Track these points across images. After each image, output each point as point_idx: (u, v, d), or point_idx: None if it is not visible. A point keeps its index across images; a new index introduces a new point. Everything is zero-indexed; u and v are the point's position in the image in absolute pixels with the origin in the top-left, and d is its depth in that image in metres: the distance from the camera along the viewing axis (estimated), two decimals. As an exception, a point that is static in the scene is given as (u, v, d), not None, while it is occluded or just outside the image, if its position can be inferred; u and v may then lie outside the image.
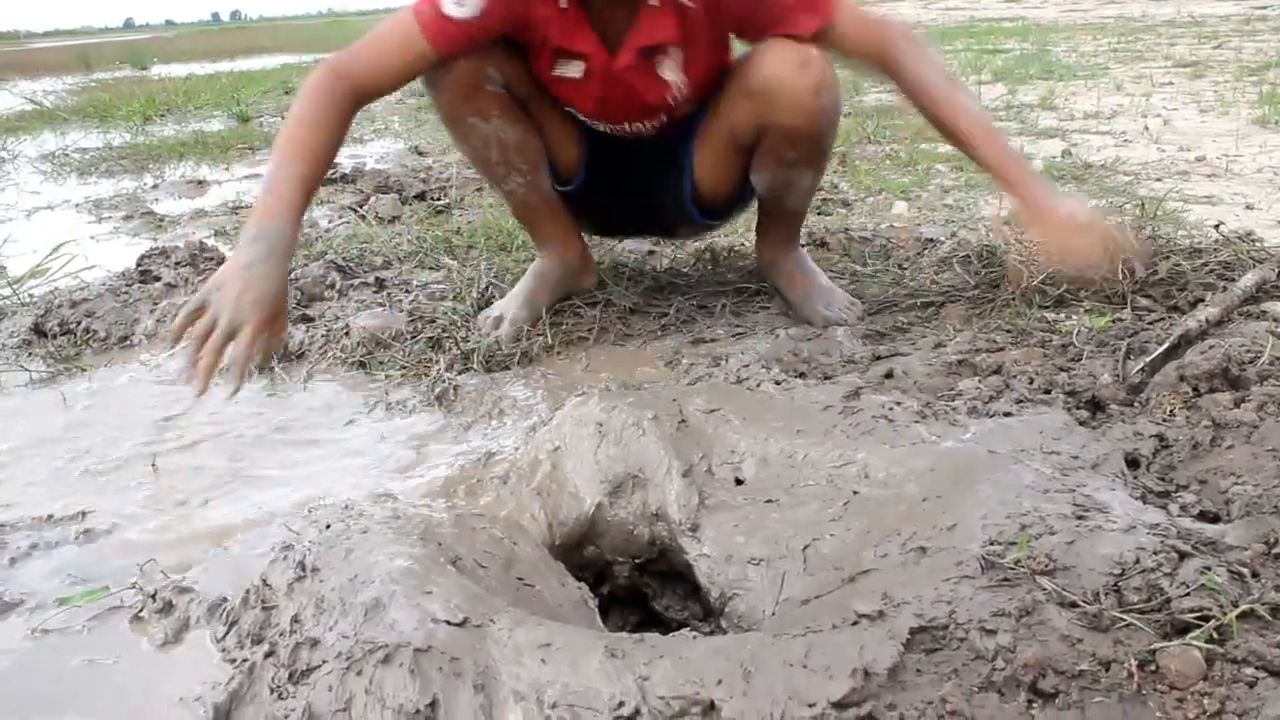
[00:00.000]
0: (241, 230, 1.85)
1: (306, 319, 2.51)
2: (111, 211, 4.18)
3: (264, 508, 1.68)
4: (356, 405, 2.07)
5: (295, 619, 1.18)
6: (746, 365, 1.89)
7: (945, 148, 4.14)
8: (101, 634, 1.37)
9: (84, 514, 1.69)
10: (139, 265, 2.99)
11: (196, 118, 7.73)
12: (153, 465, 1.88)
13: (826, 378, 1.85)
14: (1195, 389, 1.66)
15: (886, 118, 5.12)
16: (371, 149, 5.54)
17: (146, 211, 4.10)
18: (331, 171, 4.41)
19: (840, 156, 4.03)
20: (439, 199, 3.78)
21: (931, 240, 2.69)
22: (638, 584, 1.52)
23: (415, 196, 3.83)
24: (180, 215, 3.98)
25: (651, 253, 2.75)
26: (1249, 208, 3.08)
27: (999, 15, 16.99)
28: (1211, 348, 1.73)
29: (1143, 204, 2.85)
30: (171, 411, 2.11)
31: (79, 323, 2.58)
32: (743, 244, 2.76)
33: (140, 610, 1.39)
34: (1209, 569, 1.08)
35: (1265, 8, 13.44)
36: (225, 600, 1.33)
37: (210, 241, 3.28)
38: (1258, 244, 2.46)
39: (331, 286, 2.71)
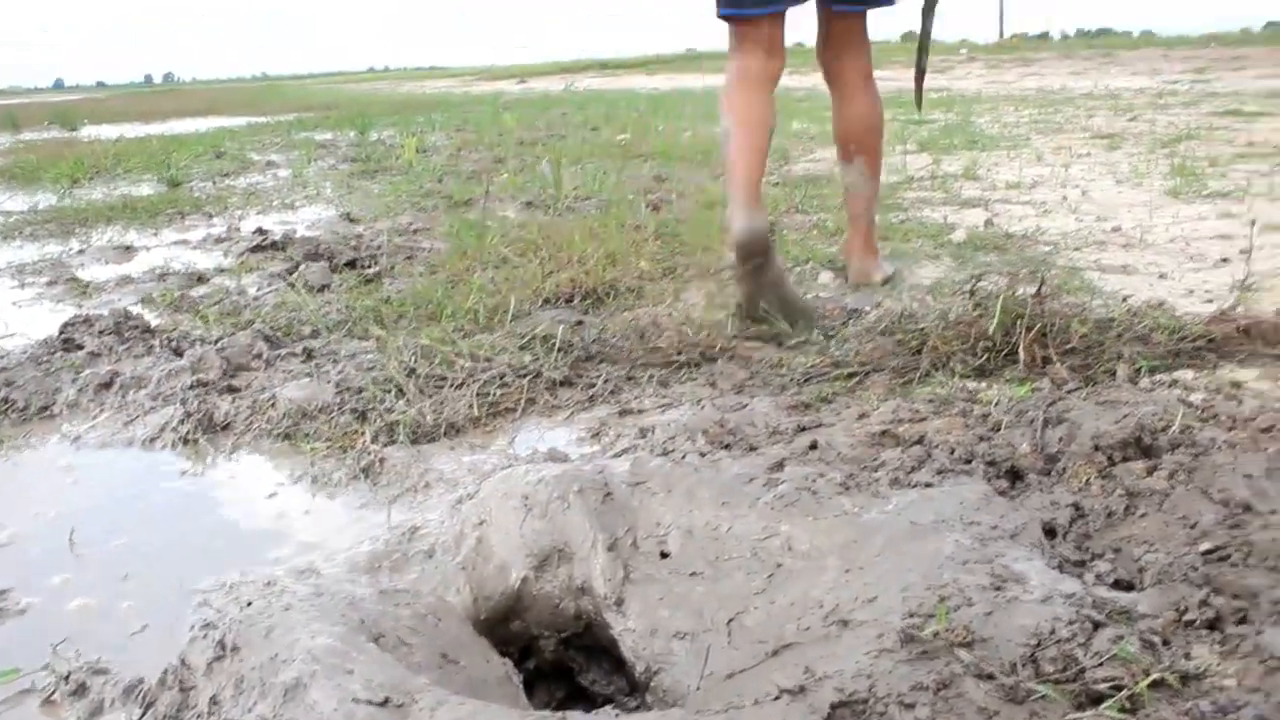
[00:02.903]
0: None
1: (232, 390, 2.49)
2: (35, 277, 4.12)
3: (184, 584, 1.65)
4: (281, 478, 2.05)
5: (214, 700, 1.16)
6: (672, 437, 1.90)
7: (871, 217, 4.24)
8: (11, 719, 1.33)
9: (-4, 593, 1.65)
10: (62, 333, 2.95)
11: (126, 181, 7.67)
12: (70, 540, 1.84)
13: (752, 449, 1.86)
14: (1110, 458, 1.70)
15: (814, 187, 5.21)
16: (303, 215, 5.52)
17: (71, 278, 4.05)
18: (261, 238, 4.40)
19: (770, 226, 4.09)
20: (369, 267, 3.77)
21: (856, 310, 2.73)
22: (564, 659, 1.51)
23: (345, 264, 3.82)
24: (106, 282, 3.94)
25: (580, 323, 2.76)
26: (1162, 277, 3.16)
27: (925, 87, 17.39)
28: (1125, 417, 1.77)
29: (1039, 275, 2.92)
30: (91, 484, 2.08)
31: (-3, 392, 2.54)
32: (669, 314, 2.79)
33: (52, 693, 1.36)
34: (1122, 638, 1.10)
35: (1176, 83, 13.93)
36: (142, 681, 1.31)
37: (136, 309, 3.24)
38: (1169, 313, 2.52)
39: (259, 357, 2.69)
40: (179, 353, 2.77)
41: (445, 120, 12.94)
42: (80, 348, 2.86)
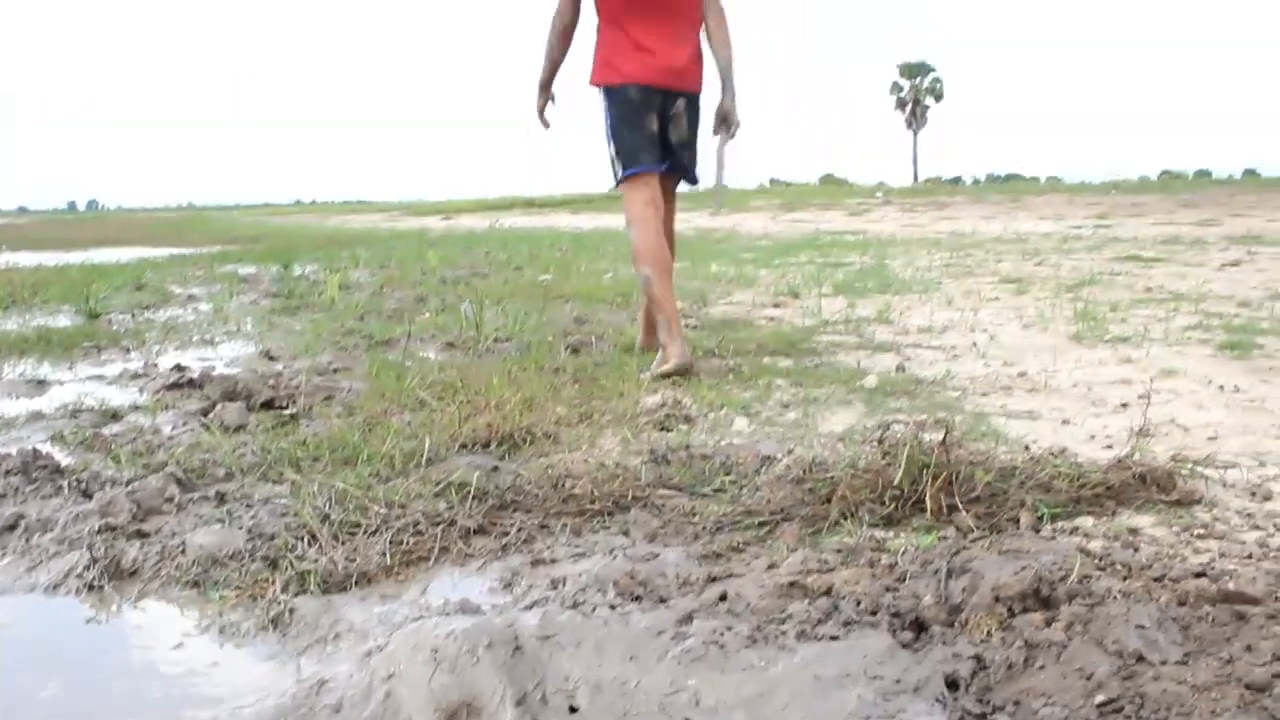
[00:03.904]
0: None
1: (141, 534, 2.45)
2: (-60, 412, 4.04)
3: (82, 741, 1.61)
4: (188, 628, 2.02)
5: None
6: (584, 588, 1.91)
7: (786, 363, 4.34)
8: None
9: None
10: (-35, 474, 2.89)
11: (43, 311, 7.57)
12: (-37, 695, 1.79)
13: (662, 600, 1.88)
14: (1010, 609, 1.75)
15: (731, 331, 5.32)
16: (222, 351, 5.50)
17: (-21, 413, 3.97)
18: (179, 375, 4.36)
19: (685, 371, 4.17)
20: (287, 407, 3.76)
21: (769, 457, 2.78)
22: (470, 817, 1.50)
23: (263, 404, 3.81)
24: (16, 417, 3.86)
25: (496, 469, 2.78)
26: (1065, 422, 3.26)
27: (842, 229, 17.95)
28: (1025, 568, 1.82)
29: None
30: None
31: (-106, 537, 2.47)
32: (585, 461, 2.82)
33: None
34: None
35: (1080, 228, 14.52)
36: None
37: (45, 448, 3.19)
38: (1070, 460, 2.61)
39: (170, 500, 2.66)
40: (88, 494, 2.73)
41: (370, 256, 13.02)
42: (-15, 488, 2.80)
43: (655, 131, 4.24)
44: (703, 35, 4.34)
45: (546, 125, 4.53)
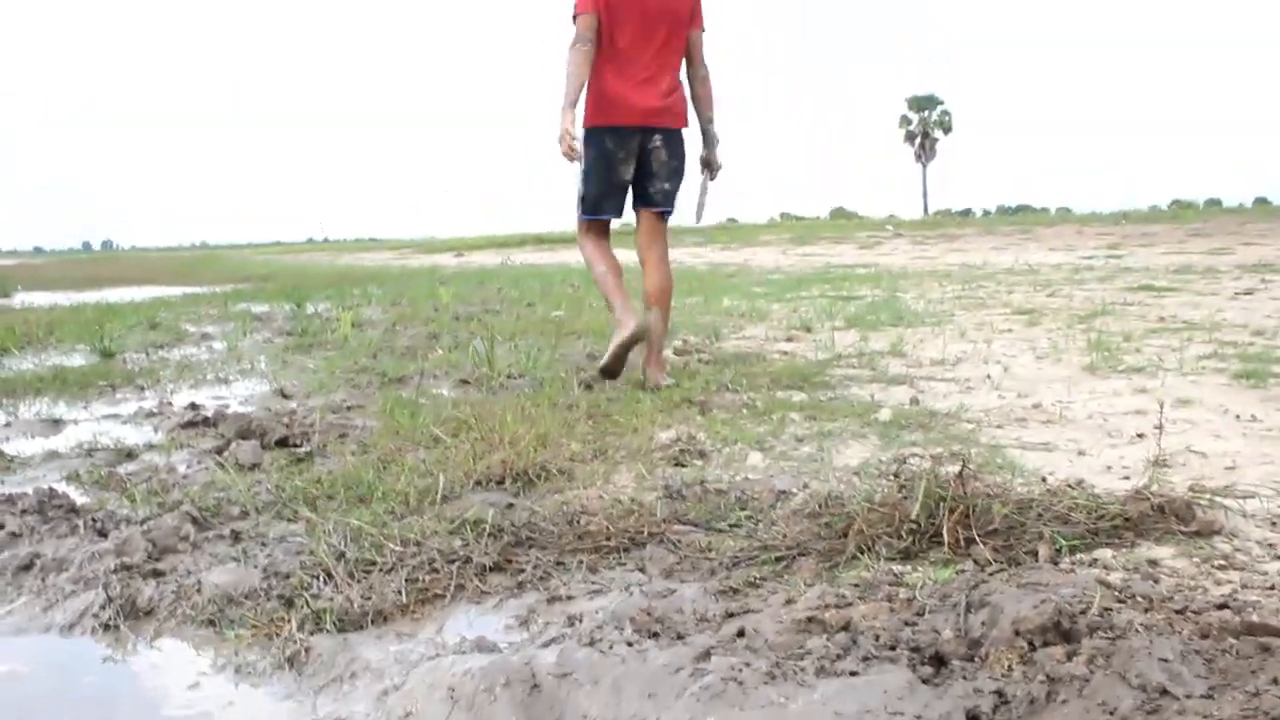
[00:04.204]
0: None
1: (157, 573, 2.45)
2: (-44, 451, 4.05)
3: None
4: (204, 667, 2.01)
5: None
6: (600, 625, 1.90)
7: (800, 397, 4.34)
8: None
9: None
10: (-18, 513, 2.90)
11: (58, 351, 7.60)
12: (-20, 738, 1.79)
13: (679, 637, 1.87)
14: (1030, 643, 1.73)
15: (744, 365, 5.31)
16: (236, 389, 5.51)
17: (-6, 452, 3.98)
18: (193, 414, 4.38)
19: (699, 406, 4.16)
20: (300, 445, 3.76)
21: (784, 492, 2.78)
22: None
23: (277, 442, 3.81)
24: (32, 456, 3.87)
25: (510, 506, 2.77)
26: (1081, 454, 3.25)
27: (853, 262, 17.98)
28: (1044, 601, 1.81)
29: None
30: (4, 673, 2.02)
31: (-90, 578, 2.48)
32: (600, 497, 2.81)
33: None
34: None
35: (1091, 258, 14.50)
36: None
37: (61, 487, 3.20)
38: (1087, 491, 2.59)
39: (185, 539, 2.66)
40: (104, 533, 2.73)
41: (382, 294, 13.07)
42: (1, 527, 2.81)
43: (625, 180, 4.85)
44: (684, 78, 4.93)
45: (573, 155, 4.66)
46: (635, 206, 4.97)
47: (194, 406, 4.65)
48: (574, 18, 4.71)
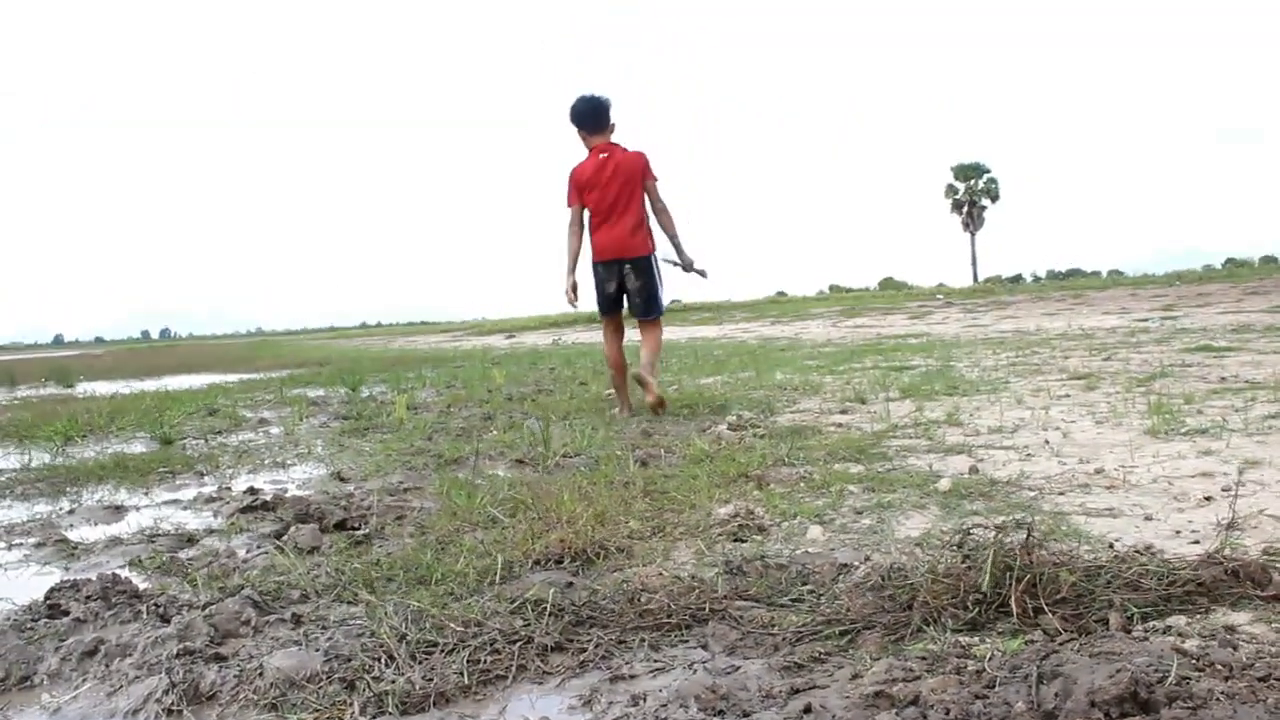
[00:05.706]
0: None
1: (219, 658, 2.46)
2: (23, 538, 4.11)
3: None
4: (267, 753, 2.01)
5: None
6: (665, 704, 1.88)
7: (857, 469, 4.30)
8: None
9: None
10: (47, 599, 2.93)
11: (119, 439, 7.73)
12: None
13: (745, 715, 1.84)
14: (1107, 714, 1.69)
15: (800, 438, 5.28)
16: (294, 474, 5.56)
17: (60, 539, 4.03)
18: (252, 499, 4.42)
19: (756, 480, 4.14)
20: (359, 528, 3.78)
21: (846, 565, 2.74)
22: None
23: (335, 525, 3.83)
24: (95, 543, 3.92)
25: (570, 585, 2.76)
26: (1148, 519, 3.19)
27: (904, 332, 17.91)
28: (1119, 671, 1.76)
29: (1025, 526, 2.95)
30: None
31: (-22, 664, 2.50)
32: (659, 574, 2.79)
33: None
34: None
35: (1146, 320, 14.34)
36: None
37: (124, 573, 3.23)
38: (1157, 557, 2.54)
39: (247, 623, 2.67)
40: (166, 619, 2.75)
41: (435, 376, 13.18)
42: (66, 613, 2.83)
43: (613, 292, 7.04)
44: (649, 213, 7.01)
45: (574, 302, 7.03)
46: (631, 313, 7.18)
47: (253, 491, 4.69)
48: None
